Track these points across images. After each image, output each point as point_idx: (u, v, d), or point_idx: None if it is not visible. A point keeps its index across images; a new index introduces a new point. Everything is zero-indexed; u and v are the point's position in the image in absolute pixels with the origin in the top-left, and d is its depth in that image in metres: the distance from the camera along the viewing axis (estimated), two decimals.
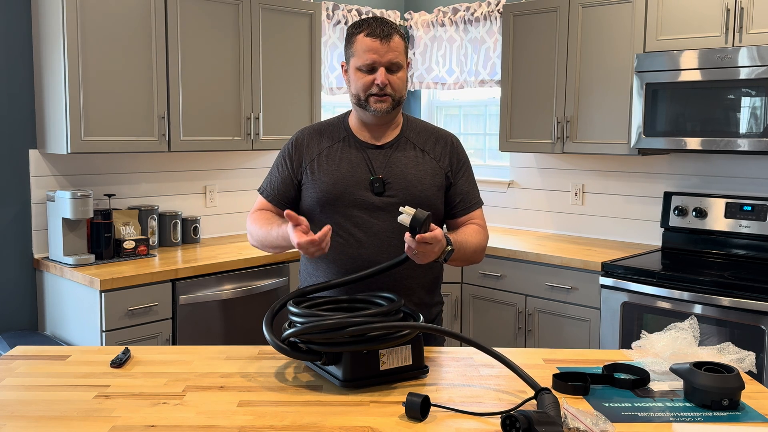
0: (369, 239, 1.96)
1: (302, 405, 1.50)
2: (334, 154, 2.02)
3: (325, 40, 4.33)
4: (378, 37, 1.91)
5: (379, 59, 1.91)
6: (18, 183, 3.34)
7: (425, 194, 2.00)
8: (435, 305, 2.12)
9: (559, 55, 3.81)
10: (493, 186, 4.51)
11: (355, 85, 1.96)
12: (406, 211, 1.72)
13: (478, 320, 3.95)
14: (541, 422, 1.31)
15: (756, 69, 3.08)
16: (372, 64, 1.92)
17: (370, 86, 1.93)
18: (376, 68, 1.92)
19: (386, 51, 1.91)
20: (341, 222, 1.97)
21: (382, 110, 1.95)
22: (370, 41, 1.91)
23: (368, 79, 1.93)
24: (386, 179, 1.97)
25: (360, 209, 1.96)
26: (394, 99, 1.95)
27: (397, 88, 1.95)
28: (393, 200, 1.96)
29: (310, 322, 1.57)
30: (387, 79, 1.92)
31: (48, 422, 1.41)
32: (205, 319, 3.27)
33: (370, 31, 1.92)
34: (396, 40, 1.93)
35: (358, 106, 1.99)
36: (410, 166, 2.01)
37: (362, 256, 1.95)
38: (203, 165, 3.95)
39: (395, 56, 1.92)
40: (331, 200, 1.98)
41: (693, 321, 1.77)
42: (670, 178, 3.81)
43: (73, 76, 3.09)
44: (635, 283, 3.26)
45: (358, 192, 1.96)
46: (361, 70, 1.94)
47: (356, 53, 1.94)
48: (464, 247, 1.95)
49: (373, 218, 1.96)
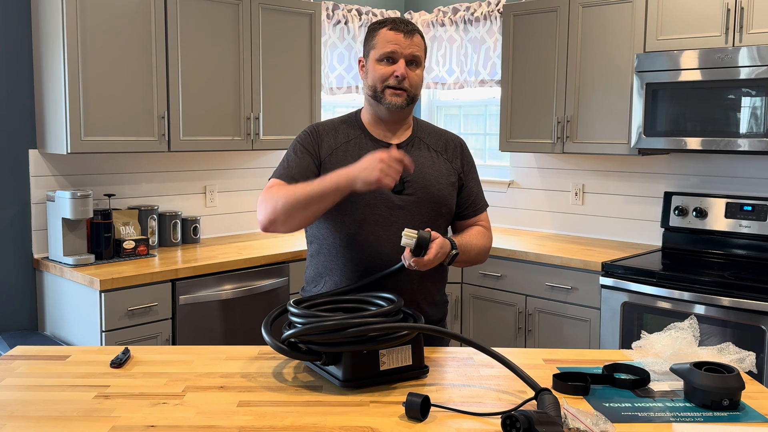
0: (388, 237, 1.93)
1: (302, 405, 1.50)
2: (352, 150, 1.98)
3: (325, 40, 4.33)
4: (401, 31, 1.94)
5: (400, 50, 1.93)
6: (18, 183, 3.33)
7: (442, 193, 2.00)
8: (444, 304, 2.12)
9: (559, 55, 3.81)
10: (493, 186, 4.51)
11: (373, 76, 1.96)
12: (408, 235, 1.74)
13: (478, 320, 3.95)
14: (542, 422, 1.31)
15: (756, 69, 3.07)
16: (393, 53, 1.93)
17: (388, 77, 1.93)
18: (396, 60, 1.93)
19: (408, 44, 1.93)
20: (358, 218, 1.95)
21: (397, 104, 1.94)
22: (393, 34, 1.94)
23: (388, 69, 1.94)
24: (405, 177, 1.95)
25: (379, 207, 1.94)
26: (409, 95, 1.96)
27: (414, 84, 1.96)
28: (412, 198, 1.96)
29: (310, 322, 1.57)
30: (406, 72, 1.93)
31: (48, 422, 1.41)
32: (205, 319, 3.27)
33: (394, 26, 1.95)
34: (418, 38, 1.96)
35: (374, 99, 1.98)
36: (427, 165, 2.01)
37: (381, 254, 1.93)
38: (203, 165, 3.95)
39: (417, 50, 1.95)
40: (348, 197, 1.90)
41: (693, 321, 1.77)
42: (670, 178, 3.81)
43: (73, 76, 3.09)
44: (635, 283, 3.26)
45: (378, 190, 1.92)
46: (380, 61, 1.95)
47: (377, 45, 1.95)
48: (468, 250, 1.96)
49: (392, 216, 1.94)
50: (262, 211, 1.88)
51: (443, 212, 2.02)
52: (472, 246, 1.98)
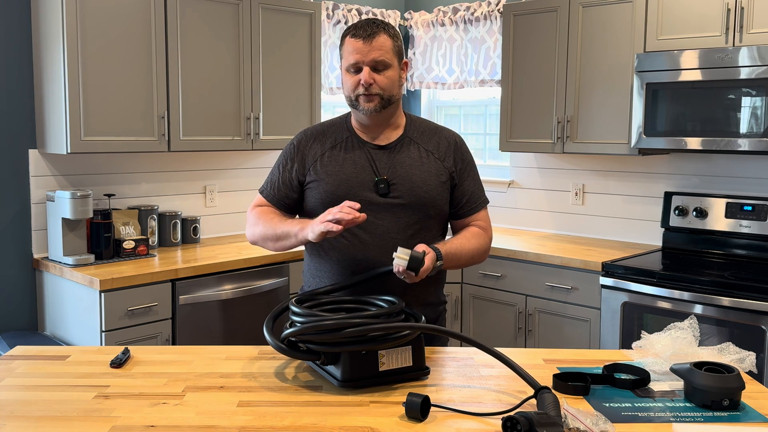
0: (374, 240, 1.95)
1: (302, 405, 1.50)
2: (338, 155, 2.02)
3: (325, 39, 4.33)
4: (361, 37, 1.93)
5: (362, 59, 1.93)
6: (18, 183, 3.33)
7: (430, 195, 2.00)
8: (440, 304, 2.12)
9: (559, 55, 3.81)
10: (493, 186, 4.51)
11: (345, 87, 2.00)
12: (399, 256, 1.76)
13: (478, 320, 3.95)
14: (542, 423, 1.31)
15: (756, 69, 3.07)
16: (356, 63, 1.94)
17: (356, 86, 1.96)
18: (361, 68, 1.94)
19: (369, 51, 1.92)
20: None
21: (370, 109, 1.96)
22: (354, 42, 1.94)
23: (355, 79, 1.96)
24: (391, 180, 1.97)
25: (364, 210, 1.95)
26: (383, 98, 1.96)
27: (385, 87, 1.95)
28: (398, 201, 1.96)
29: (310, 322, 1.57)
30: (372, 78, 1.93)
31: (48, 422, 1.41)
32: (205, 319, 3.27)
33: (355, 32, 1.95)
34: (381, 40, 1.94)
35: (351, 107, 2.02)
36: (414, 167, 2.01)
37: (367, 258, 1.95)
38: (203, 165, 3.95)
39: (379, 55, 1.93)
40: (335, 201, 1.95)
41: (693, 321, 1.77)
42: (670, 178, 3.81)
43: (73, 76, 3.09)
44: (635, 283, 3.26)
45: (363, 193, 1.96)
46: (348, 71, 1.97)
47: (344, 55, 1.98)
48: (458, 256, 1.96)
49: (377, 219, 1.95)
50: (248, 229, 2.08)
51: (431, 213, 2.01)
52: (462, 251, 1.98)
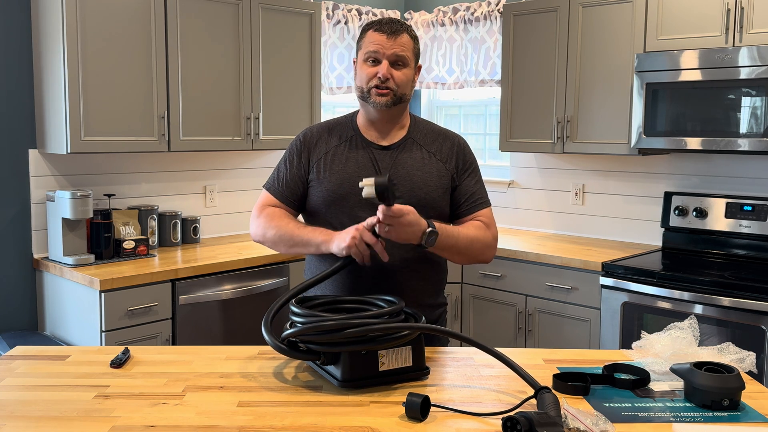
0: None
1: (302, 405, 1.50)
2: (341, 154, 2.03)
3: (325, 39, 4.33)
4: (385, 32, 1.96)
5: (384, 51, 1.95)
6: (18, 183, 3.33)
7: (430, 196, 2.00)
8: (438, 306, 2.11)
9: (559, 55, 3.81)
10: (494, 186, 4.51)
11: (360, 77, 2.00)
12: (366, 184, 1.72)
13: (478, 320, 3.95)
14: (542, 423, 1.31)
15: (756, 69, 3.07)
16: (375, 53, 1.96)
17: (372, 78, 1.96)
18: (380, 61, 1.96)
19: (392, 45, 1.95)
20: (346, 222, 1.95)
21: (382, 104, 1.96)
22: (377, 35, 1.97)
23: (372, 70, 1.97)
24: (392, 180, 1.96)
25: (365, 210, 1.95)
26: (395, 94, 1.97)
27: (400, 83, 1.97)
28: (398, 202, 1.96)
29: (310, 322, 1.57)
30: (390, 73, 1.95)
31: (48, 422, 1.41)
32: (205, 319, 3.27)
33: (379, 27, 1.98)
34: (404, 38, 1.97)
35: (362, 99, 2.02)
36: (416, 168, 2.01)
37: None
38: (203, 165, 3.95)
39: (400, 50, 1.96)
40: (337, 200, 1.98)
41: (693, 321, 1.77)
42: (670, 178, 3.81)
43: (73, 76, 3.09)
44: (635, 283, 3.26)
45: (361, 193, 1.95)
46: (366, 61, 1.98)
47: (364, 45, 2.00)
48: (452, 235, 1.91)
49: None
50: (254, 228, 2.04)
51: (431, 215, 1.99)
52: (459, 233, 1.94)
